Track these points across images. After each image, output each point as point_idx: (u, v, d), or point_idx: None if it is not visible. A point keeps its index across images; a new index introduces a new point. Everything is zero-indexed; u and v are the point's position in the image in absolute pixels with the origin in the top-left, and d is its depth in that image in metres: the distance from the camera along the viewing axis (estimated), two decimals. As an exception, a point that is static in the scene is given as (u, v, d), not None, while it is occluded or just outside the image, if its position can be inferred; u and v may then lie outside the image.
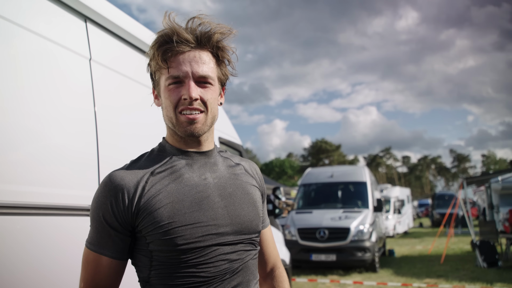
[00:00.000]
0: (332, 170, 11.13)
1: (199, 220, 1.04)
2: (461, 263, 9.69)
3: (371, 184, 10.44)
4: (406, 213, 21.41)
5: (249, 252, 1.13)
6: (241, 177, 1.19)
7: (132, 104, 2.37)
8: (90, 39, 2.10)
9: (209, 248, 1.04)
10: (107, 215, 1.02)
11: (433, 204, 25.18)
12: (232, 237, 1.08)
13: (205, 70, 1.07)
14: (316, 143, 71.54)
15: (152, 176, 1.07)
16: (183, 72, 1.06)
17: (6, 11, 1.65)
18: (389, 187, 21.57)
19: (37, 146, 1.68)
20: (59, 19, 1.95)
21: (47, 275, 1.66)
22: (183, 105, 1.06)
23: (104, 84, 2.12)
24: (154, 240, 1.02)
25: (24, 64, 1.70)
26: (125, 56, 2.40)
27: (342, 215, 9.12)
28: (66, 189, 1.79)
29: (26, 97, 1.67)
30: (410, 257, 11.37)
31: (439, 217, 22.36)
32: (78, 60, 1.99)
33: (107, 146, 2.03)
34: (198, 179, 1.09)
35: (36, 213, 1.63)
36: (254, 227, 1.14)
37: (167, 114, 1.10)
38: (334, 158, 68.67)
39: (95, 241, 1.04)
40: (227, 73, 1.16)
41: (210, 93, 1.09)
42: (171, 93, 1.07)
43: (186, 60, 1.06)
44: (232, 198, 1.12)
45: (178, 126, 1.08)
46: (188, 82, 1.06)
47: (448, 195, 25.21)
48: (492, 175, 11.92)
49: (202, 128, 1.09)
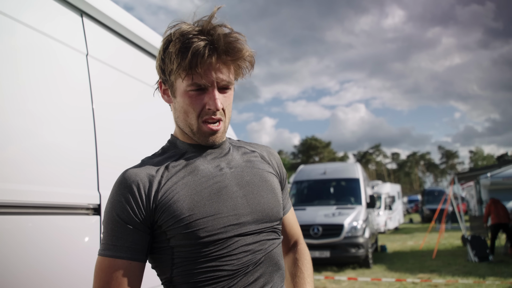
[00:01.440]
0: (325, 167, 11.15)
1: (219, 211, 1.00)
2: (453, 258, 9.79)
3: (364, 181, 10.49)
4: (397, 209, 21.61)
5: (272, 242, 1.09)
6: (257, 164, 1.15)
7: (131, 100, 2.32)
8: (87, 34, 2.05)
9: (231, 239, 1.00)
10: (124, 212, 0.97)
11: (423, 200, 25.45)
12: (254, 226, 1.04)
13: (227, 78, 1.04)
14: (306, 140, 71.80)
15: (167, 170, 1.03)
16: (208, 80, 1.01)
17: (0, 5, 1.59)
18: (379, 184, 21.74)
19: (32, 143, 1.62)
20: (55, 13, 1.89)
21: (45, 275, 1.61)
22: (207, 115, 1.03)
23: (101, 81, 2.07)
24: (175, 234, 0.98)
25: (19, 59, 1.64)
26: (122, 51, 2.34)
27: (335, 211, 9.15)
28: (63, 187, 1.73)
29: (22, 94, 1.61)
30: (402, 252, 11.46)
31: (429, 213, 22.63)
32: (75, 56, 1.94)
33: (105, 143, 1.98)
34: (214, 169, 1.06)
35: (34, 212, 1.58)
36: (276, 214, 1.11)
37: (187, 120, 1.05)
38: (324, 155, 69.01)
39: (110, 245, 0.97)
40: (241, 79, 1.12)
41: (228, 99, 1.07)
42: (193, 100, 1.03)
43: (212, 68, 1.00)
44: (251, 186, 1.08)
45: (199, 135, 1.05)
46: (212, 91, 1.02)
47: (438, 191, 25.51)
48: (482, 170, 12.06)
49: (221, 137, 1.08)
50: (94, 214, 1.82)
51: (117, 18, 2.22)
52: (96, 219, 1.83)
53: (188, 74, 1.00)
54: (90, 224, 1.81)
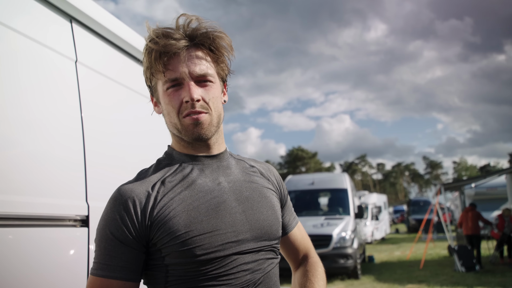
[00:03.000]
0: (313, 177, 11.15)
1: (217, 228, 0.95)
2: (440, 268, 9.84)
3: (352, 191, 10.52)
4: (383, 219, 21.71)
5: (270, 261, 1.04)
6: (257, 180, 1.11)
7: (121, 109, 2.26)
8: (76, 40, 1.99)
9: (229, 257, 0.95)
10: (118, 230, 0.92)
11: (409, 210, 25.62)
12: (253, 244, 0.99)
13: (203, 68, 1.00)
14: (293, 151, 72.01)
15: (163, 185, 0.98)
16: (180, 73, 0.98)
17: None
18: (366, 194, 21.85)
19: (18, 152, 1.55)
20: (44, 18, 1.83)
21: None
22: (187, 109, 0.98)
23: (90, 88, 2.01)
24: (171, 252, 0.92)
25: (6, 65, 1.58)
26: (111, 58, 2.29)
27: (324, 222, 9.12)
28: (49, 198, 1.66)
29: (8, 101, 1.55)
30: (389, 263, 11.48)
31: (415, 223, 22.75)
32: (63, 62, 1.88)
33: (94, 152, 1.92)
34: (211, 184, 1.01)
35: (17, 224, 1.50)
36: (274, 232, 1.06)
37: (171, 120, 1.02)
38: (310, 165, 69.24)
39: (103, 265, 0.92)
40: (226, 68, 1.07)
41: (211, 92, 1.02)
42: (171, 97, 1.00)
43: (182, 60, 0.98)
44: (250, 202, 1.03)
45: (184, 131, 1.00)
46: (187, 83, 0.98)
47: (423, 201, 25.73)
48: (468, 181, 12.22)
49: (209, 129, 1.01)
50: (82, 226, 1.75)
51: (106, 24, 2.16)
52: (83, 231, 1.75)
53: (161, 72, 0.99)
54: (77, 237, 1.74)
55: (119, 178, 1.61)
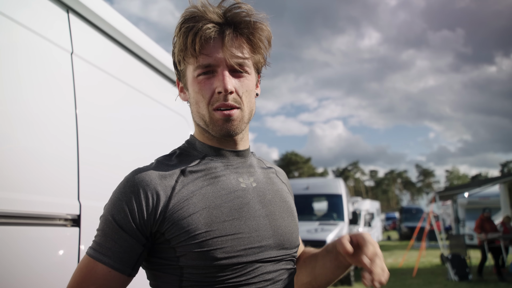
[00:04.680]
0: (308, 182, 11.08)
1: (240, 230, 0.86)
2: (433, 276, 9.80)
3: (346, 197, 10.46)
4: (376, 226, 21.68)
5: (289, 271, 0.96)
6: (277, 183, 1.04)
7: (116, 105, 2.17)
8: (72, 32, 1.91)
9: (251, 265, 0.86)
10: (120, 214, 0.84)
11: (401, 217, 25.65)
12: (275, 252, 0.91)
13: (240, 58, 0.90)
14: (286, 155, 71.95)
15: (184, 176, 0.89)
16: (215, 59, 0.89)
17: None
18: (359, 200, 21.82)
19: (7, 147, 1.46)
20: (39, 7, 1.75)
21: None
22: (218, 101, 0.89)
23: (86, 82, 1.92)
24: (187, 252, 0.83)
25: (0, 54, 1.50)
26: (109, 52, 2.20)
27: (318, 227, 9.05)
28: (39, 195, 1.57)
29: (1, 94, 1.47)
30: (382, 270, 11.40)
31: (407, 231, 22.77)
32: (59, 53, 1.79)
33: (88, 149, 1.83)
34: (235, 182, 0.93)
35: (4, 222, 1.41)
36: (295, 240, 0.99)
37: (198, 110, 0.93)
38: (304, 170, 69.24)
39: (97, 247, 0.85)
40: (263, 59, 0.98)
41: (246, 85, 0.93)
42: (202, 86, 0.90)
43: (218, 45, 0.89)
44: (273, 206, 0.96)
45: (212, 125, 0.91)
46: (221, 71, 0.89)
47: (415, 208, 25.79)
48: (461, 189, 12.22)
49: (239, 126, 0.92)
50: (73, 225, 1.66)
51: (105, 16, 2.08)
52: (74, 231, 1.66)
53: (193, 56, 0.89)
54: (67, 237, 1.64)
55: (113, 176, 1.52)
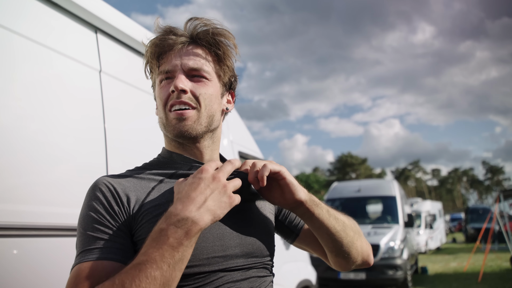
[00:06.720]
0: (359, 184, 10.77)
1: (203, 239, 0.86)
2: (501, 282, 9.10)
3: (401, 199, 10.04)
4: (438, 228, 20.61)
5: (263, 279, 0.95)
6: (249, 190, 1.03)
7: (143, 115, 2.25)
8: (100, 50, 2.02)
9: (215, 274, 0.86)
10: (98, 208, 0.84)
11: (467, 218, 24.14)
12: (243, 261, 0.90)
13: (197, 63, 0.95)
14: (342, 157, 70.57)
15: (161, 182, 0.94)
16: (172, 65, 0.94)
17: (18, 26, 1.59)
18: (419, 201, 20.89)
19: (39, 161, 1.58)
20: (70, 31, 1.88)
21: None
22: (172, 100, 0.93)
23: (114, 98, 2.02)
24: None
25: (30, 77, 1.63)
26: (134, 65, 2.30)
27: (371, 231, 8.76)
28: (63, 207, 1.65)
29: (36, 113, 1.60)
30: (444, 274, 10.81)
31: (473, 232, 21.39)
32: (88, 73, 1.91)
33: (117, 161, 1.92)
34: None
35: (22, 234, 1.47)
36: (267, 248, 0.97)
37: (159, 115, 0.98)
38: (360, 171, 67.51)
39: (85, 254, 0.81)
40: (228, 71, 1.00)
41: (204, 88, 0.95)
42: (161, 89, 0.96)
43: (178, 54, 0.95)
44: (241, 214, 0.95)
45: (168, 126, 0.95)
46: (177, 75, 0.93)
47: (482, 208, 24.13)
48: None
49: (193, 127, 0.93)
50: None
51: (130, 32, 2.19)
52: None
53: (157, 66, 0.97)
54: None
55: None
